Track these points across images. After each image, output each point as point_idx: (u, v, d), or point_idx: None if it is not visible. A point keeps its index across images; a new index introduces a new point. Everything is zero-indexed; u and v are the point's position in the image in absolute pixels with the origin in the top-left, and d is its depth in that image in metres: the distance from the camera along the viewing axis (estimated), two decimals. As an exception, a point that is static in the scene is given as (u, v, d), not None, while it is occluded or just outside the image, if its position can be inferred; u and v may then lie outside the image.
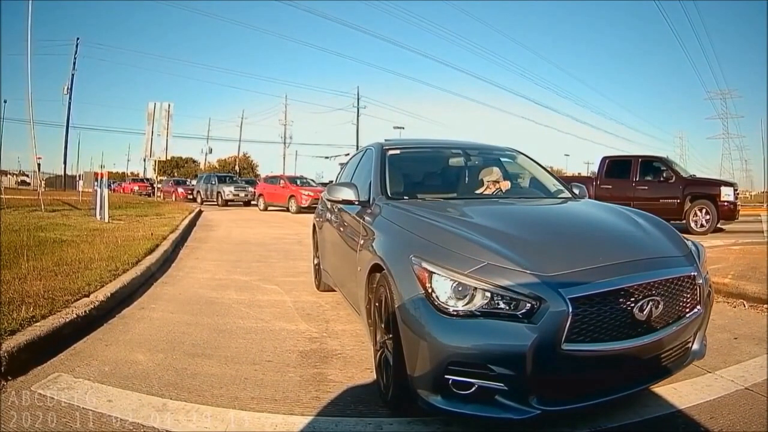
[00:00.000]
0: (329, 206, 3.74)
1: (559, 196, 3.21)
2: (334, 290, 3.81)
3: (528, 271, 1.78)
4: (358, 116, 44.58)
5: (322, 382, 2.34)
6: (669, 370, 2.04)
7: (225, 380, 2.33)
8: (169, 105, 15.02)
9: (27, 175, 42.74)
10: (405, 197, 2.82)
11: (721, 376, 2.43)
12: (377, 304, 2.24)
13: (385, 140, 3.52)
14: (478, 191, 3.17)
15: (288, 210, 17.25)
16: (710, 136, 64.80)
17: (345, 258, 3.03)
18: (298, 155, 51.53)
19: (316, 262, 4.38)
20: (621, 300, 1.81)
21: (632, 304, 1.81)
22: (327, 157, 47.76)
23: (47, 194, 14.46)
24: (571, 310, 1.69)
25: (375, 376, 2.28)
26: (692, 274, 2.05)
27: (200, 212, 14.12)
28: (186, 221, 9.94)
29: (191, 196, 23.62)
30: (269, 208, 18.45)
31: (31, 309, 2.93)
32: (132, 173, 55.94)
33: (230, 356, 2.66)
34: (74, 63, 33.26)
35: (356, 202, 2.87)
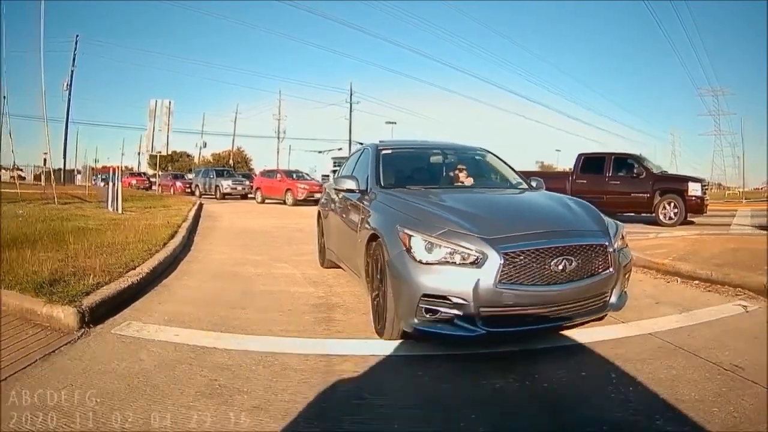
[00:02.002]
0: (333, 196, 4.53)
1: (519, 187, 4.01)
2: (337, 266, 4.52)
3: (475, 235, 2.57)
4: (351, 112, 45.06)
5: (330, 321, 3.20)
6: (586, 314, 2.78)
7: (259, 321, 3.16)
8: (170, 102, 15.49)
9: (21, 170, 42.70)
10: (395, 187, 3.59)
11: (632, 325, 3.12)
12: (374, 264, 3.01)
13: (380, 141, 4.33)
14: (453, 183, 3.98)
15: (285, 203, 17.98)
16: (702, 133, 65.62)
17: (348, 235, 3.76)
18: (291, 149, 52.00)
19: (321, 243, 5.10)
20: (541, 256, 2.55)
21: (549, 260, 2.56)
22: (320, 152, 48.46)
23: (56, 188, 15.02)
24: (502, 261, 2.47)
25: (369, 318, 3.08)
26: (604, 243, 2.78)
27: (201, 205, 14.76)
28: (192, 212, 10.63)
29: (189, 190, 24.19)
30: (266, 200, 19.17)
31: (96, 278, 3.69)
32: (126, 167, 55.82)
33: (259, 308, 3.49)
34: (74, 59, 33.47)
35: (357, 191, 3.65)
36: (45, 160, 14.08)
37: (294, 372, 2.36)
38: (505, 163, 4.41)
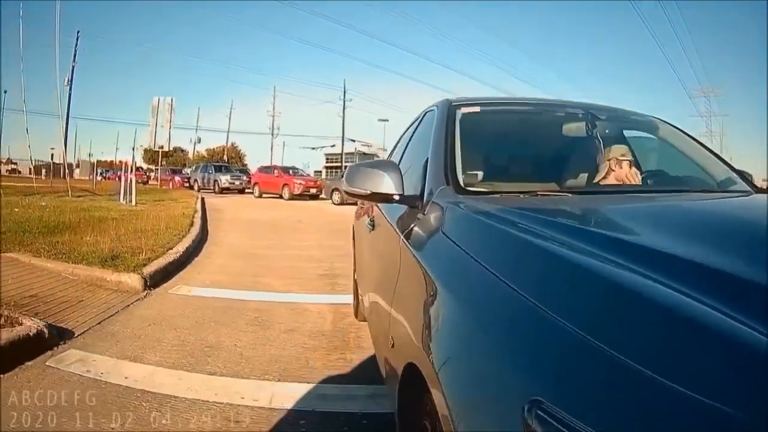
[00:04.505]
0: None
1: (731, 188, 1.85)
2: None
3: None
4: (344, 108, 45.70)
5: (335, 285, 4.22)
6: None
7: (282, 284, 4.17)
8: (171, 99, 16.31)
9: (16, 163, 43.13)
10: (490, 187, 1.59)
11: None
12: None
13: (457, 99, 2.10)
14: (596, 179, 1.85)
15: (281, 197, 18.96)
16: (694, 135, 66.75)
17: (376, 295, 1.82)
18: (285, 146, 52.69)
19: (355, 281, 3.20)
20: None
21: None
22: (313, 148, 49.23)
23: (58, 181, 15.81)
24: None
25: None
26: None
27: (203, 198, 15.64)
28: (199, 205, 11.51)
29: (188, 184, 25.02)
30: (263, 195, 20.10)
31: (145, 255, 4.64)
32: (120, 161, 56.22)
33: (278, 276, 4.51)
34: (75, 55, 33.78)
35: (395, 198, 1.54)
36: (52, 155, 14.83)
37: (312, 312, 3.38)
38: (695, 139, 2.20)
